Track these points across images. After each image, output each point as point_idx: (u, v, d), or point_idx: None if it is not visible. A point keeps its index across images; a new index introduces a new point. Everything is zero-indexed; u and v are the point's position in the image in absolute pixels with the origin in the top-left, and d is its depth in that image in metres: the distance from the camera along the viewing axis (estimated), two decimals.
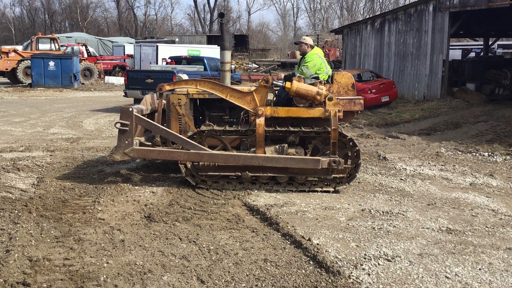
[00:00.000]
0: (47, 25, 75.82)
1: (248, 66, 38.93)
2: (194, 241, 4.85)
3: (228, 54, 7.35)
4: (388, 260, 4.46)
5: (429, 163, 8.64)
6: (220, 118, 7.40)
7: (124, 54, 34.46)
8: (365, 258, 4.49)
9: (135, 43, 35.51)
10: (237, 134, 6.87)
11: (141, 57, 29.25)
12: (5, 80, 28.05)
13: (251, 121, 6.71)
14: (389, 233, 5.15)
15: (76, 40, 39.00)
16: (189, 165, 6.78)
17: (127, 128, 6.62)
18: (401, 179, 7.50)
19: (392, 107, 16.66)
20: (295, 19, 78.28)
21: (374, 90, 15.89)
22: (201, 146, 6.63)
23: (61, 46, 29.79)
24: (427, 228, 5.35)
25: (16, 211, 5.56)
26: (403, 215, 5.76)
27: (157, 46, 28.66)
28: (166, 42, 38.93)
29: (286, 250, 4.65)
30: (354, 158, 6.73)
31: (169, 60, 20.06)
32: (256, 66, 39.03)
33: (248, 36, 55.91)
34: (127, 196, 6.31)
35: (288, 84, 6.58)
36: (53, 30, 65.39)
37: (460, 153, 9.52)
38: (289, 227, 5.18)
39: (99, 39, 45.88)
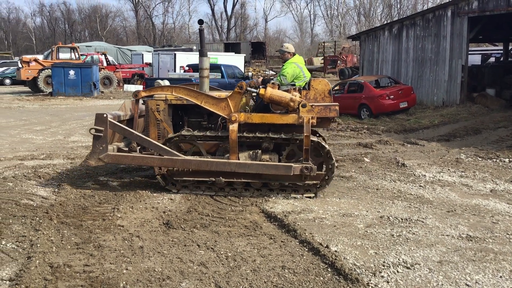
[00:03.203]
0: (67, 34, 77.16)
1: (265, 73, 39.03)
2: (212, 248, 4.87)
3: (207, 61, 7.40)
4: (407, 268, 4.43)
5: (448, 169, 8.54)
6: (199, 124, 7.46)
7: (143, 63, 34.86)
8: (384, 266, 4.46)
9: (153, 52, 35.91)
10: (208, 139, 6.93)
11: (159, 65, 29.60)
12: (26, 89, 28.56)
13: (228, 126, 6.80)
14: (408, 240, 5.11)
15: (95, 49, 39.56)
16: (159, 172, 6.92)
17: (102, 134, 6.75)
18: (420, 186, 7.43)
19: (411, 113, 16.53)
20: (312, 25, 78.34)
21: (392, 96, 15.79)
22: (174, 151, 6.72)
23: (81, 55, 30.25)
24: (447, 235, 5.29)
25: (37, 218, 5.65)
26: (423, 222, 5.71)
27: (175, 54, 28.98)
28: (184, 50, 39.27)
29: (304, 257, 4.65)
30: (327, 159, 6.76)
31: (187, 68, 20.22)
32: (273, 73, 39.09)
33: (265, 43, 56.07)
34: (145, 203, 6.37)
35: (262, 91, 6.64)
36: (73, 39, 66.50)
37: (480, 159, 9.40)
38: (306, 234, 5.17)
39: (118, 48, 46.50)
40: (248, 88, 6.79)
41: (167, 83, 8.08)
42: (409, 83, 18.71)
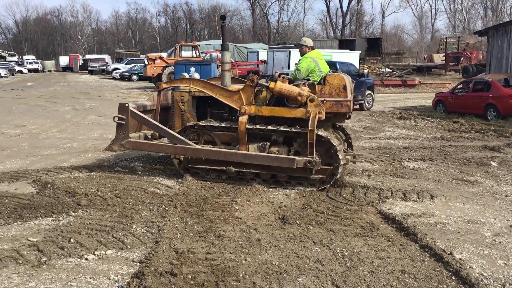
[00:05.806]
0: (188, 33, 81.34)
1: (381, 70, 37.89)
2: (327, 246, 4.85)
3: (228, 55, 7.56)
4: None
5: None
6: (221, 116, 7.66)
7: (258, 60, 35.58)
8: None
9: (268, 49, 36.48)
10: (223, 130, 7.19)
11: (273, 63, 30.00)
12: (152, 84, 30.57)
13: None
14: None
15: (214, 47, 41.16)
16: (175, 156, 7.42)
17: (124, 122, 7.30)
18: None
19: None
20: (433, 21, 74.69)
21: None
22: (186, 140, 7.07)
23: (201, 53, 31.68)
24: None
25: (163, 206, 6.04)
26: None
27: (289, 51, 29.12)
28: None
29: (425, 262, 4.45)
30: (335, 157, 6.71)
31: None
32: (389, 70, 37.84)
33: (382, 40, 54.37)
34: (261, 197, 6.51)
35: (271, 84, 6.77)
36: (194, 38, 69.87)
37: None
38: (428, 239, 4.94)
39: (235, 45, 47.87)
40: (259, 82, 6.96)
41: (196, 76, 8.38)
42: None
